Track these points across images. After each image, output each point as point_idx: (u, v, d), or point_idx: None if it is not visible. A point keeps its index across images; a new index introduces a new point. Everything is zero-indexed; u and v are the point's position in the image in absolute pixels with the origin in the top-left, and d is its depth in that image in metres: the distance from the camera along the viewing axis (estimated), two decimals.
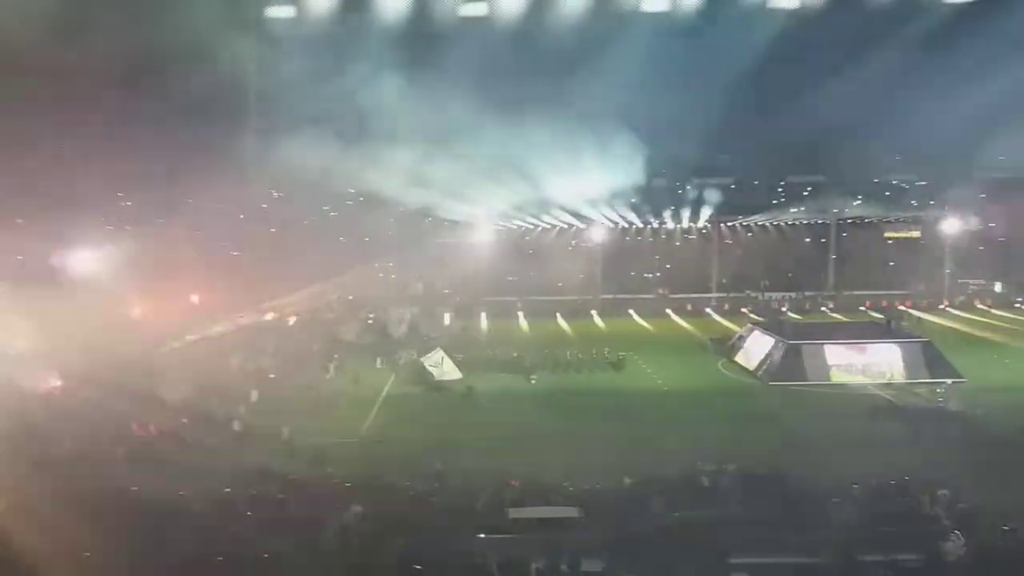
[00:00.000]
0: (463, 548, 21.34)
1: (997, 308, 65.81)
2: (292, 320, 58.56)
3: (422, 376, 43.37)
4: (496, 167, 65.16)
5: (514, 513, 23.71)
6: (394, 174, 62.73)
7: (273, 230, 69.91)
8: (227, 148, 58.40)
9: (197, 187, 59.56)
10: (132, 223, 62.74)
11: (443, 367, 42.98)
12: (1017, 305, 66.17)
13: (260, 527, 22.52)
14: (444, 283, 68.93)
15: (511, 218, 73.12)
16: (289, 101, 55.20)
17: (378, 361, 47.38)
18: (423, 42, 54.67)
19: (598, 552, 21.02)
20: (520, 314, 65.97)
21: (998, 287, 69.90)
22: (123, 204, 65.00)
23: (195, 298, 58.70)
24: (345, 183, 69.77)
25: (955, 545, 21.15)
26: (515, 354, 46.85)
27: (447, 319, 61.84)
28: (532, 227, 75.12)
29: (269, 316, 57.82)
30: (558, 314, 65.86)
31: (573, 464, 27.60)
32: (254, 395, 38.46)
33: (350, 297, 65.97)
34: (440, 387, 42.19)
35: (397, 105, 56.44)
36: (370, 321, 58.30)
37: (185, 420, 33.89)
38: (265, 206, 72.01)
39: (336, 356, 47.39)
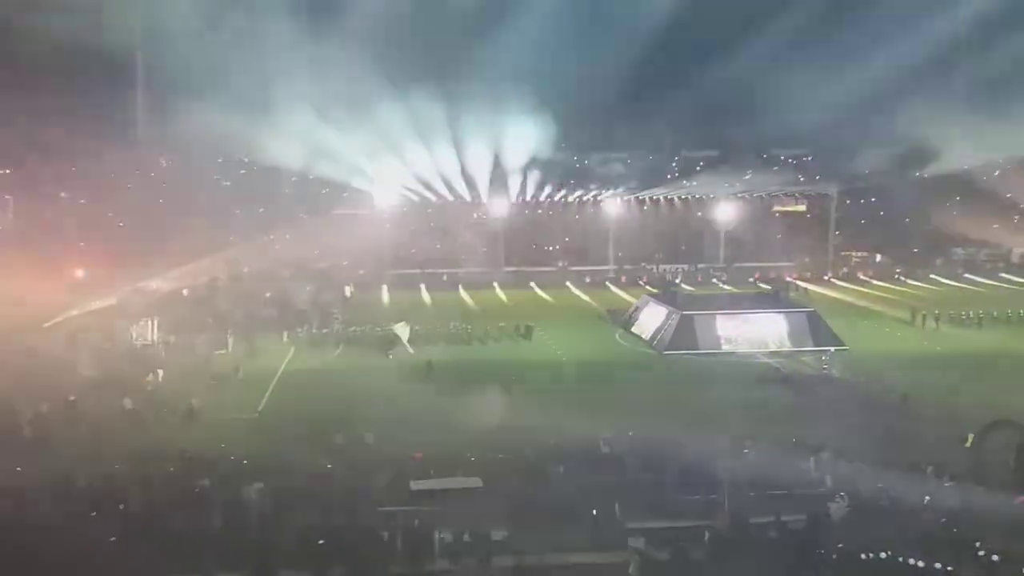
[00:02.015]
0: (365, 522, 21.36)
1: (878, 279, 69.15)
2: (184, 293, 56.64)
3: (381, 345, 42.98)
4: (394, 138, 64.52)
5: (416, 485, 23.84)
6: (290, 143, 61.36)
7: (162, 200, 67.33)
8: (112, 114, 55.88)
9: (80, 156, 56.85)
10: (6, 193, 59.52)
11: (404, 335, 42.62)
12: (897, 276, 69.67)
13: (155, 506, 22.00)
14: (344, 256, 67.95)
15: (412, 191, 72.58)
16: (178, 65, 53.15)
17: (285, 335, 46.42)
18: (317, 6, 53.44)
19: (500, 521, 21.39)
20: (423, 287, 65.71)
21: (879, 259, 73.50)
22: None
23: (79, 272, 56.12)
24: (239, 152, 67.95)
25: (839, 505, 22.40)
26: (417, 327, 46.71)
27: (348, 292, 61.05)
28: (434, 200, 74.74)
29: (159, 289, 55.73)
30: (460, 286, 65.90)
31: (472, 435, 27.79)
32: (145, 370, 37.22)
33: (245, 269, 64.34)
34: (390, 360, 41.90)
35: (290, 71, 55.13)
36: (268, 295, 57.02)
37: (72, 398, 32.55)
38: (154, 175, 69.38)
39: (231, 331, 46.23)
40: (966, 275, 69.99)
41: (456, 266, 69.80)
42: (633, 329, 48.96)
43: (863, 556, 19.44)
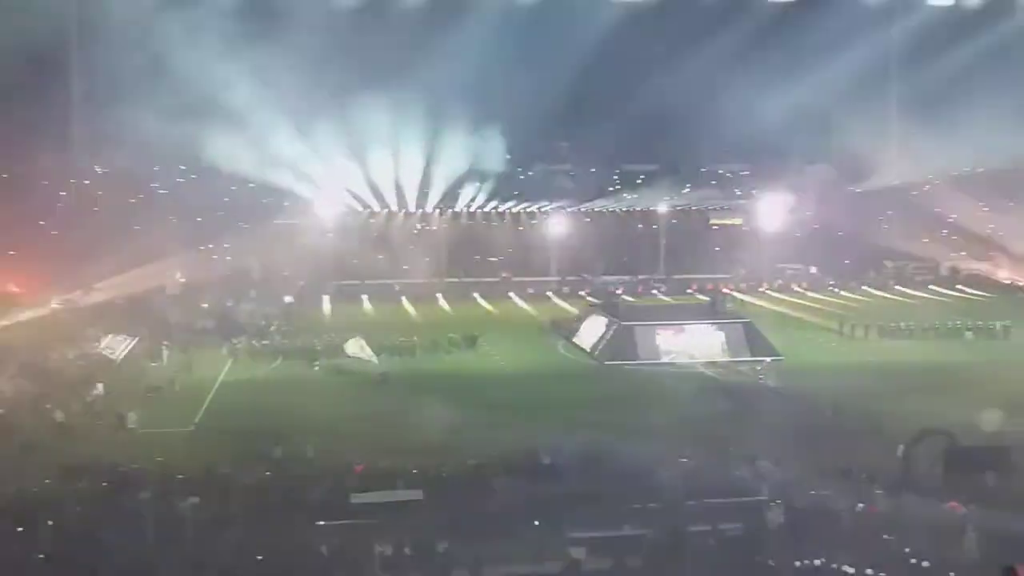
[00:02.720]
0: (304, 536, 21.10)
1: (812, 291, 70.78)
2: (118, 304, 55.20)
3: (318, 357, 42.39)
4: (337, 148, 64.13)
5: (357, 498, 23.64)
6: (229, 151, 60.53)
7: (97, 208, 65.69)
8: (46, 120, 54.45)
9: (9, 162, 55.21)
10: None
11: (364, 353, 41.79)
12: (830, 287, 71.38)
13: (86, 522, 21.43)
14: (285, 266, 67.03)
15: (355, 201, 72.11)
16: (114, 70, 52.09)
17: (225, 348, 45.58)
18: (259, 15, 52.93)
19: (442, 534, 21.34)
20: (365, 298, 65.17)
21: (813, 270, 75.25)
22: None
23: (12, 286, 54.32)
24: (176, 160, 66.80)
25: (775, 513, 22.86)
26: (360, 339, 46.28)
27: (288, 303, 60.22)
28: (376, 211, 74.38)
29: (92, 300, 54.26)
30: (403, 298, 65.57)
31: (415, 447, 27.70)
32: (78, 383, 36.23)
33: (182, 279, 63.07)
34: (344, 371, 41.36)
35: (231, 78, 54.43)
36: (205, 305, 55.99)
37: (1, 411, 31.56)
38: (88, 182, 67.73)
39: (167, 342, 45.29)
40: (896, 287, 72.08)
41: (399, 277, 69.37)
42: (575, 340, 49.31)
43: (797, 563, 19.86)
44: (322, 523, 22.13)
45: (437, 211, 75.19)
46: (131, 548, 20.17)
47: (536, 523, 22.05)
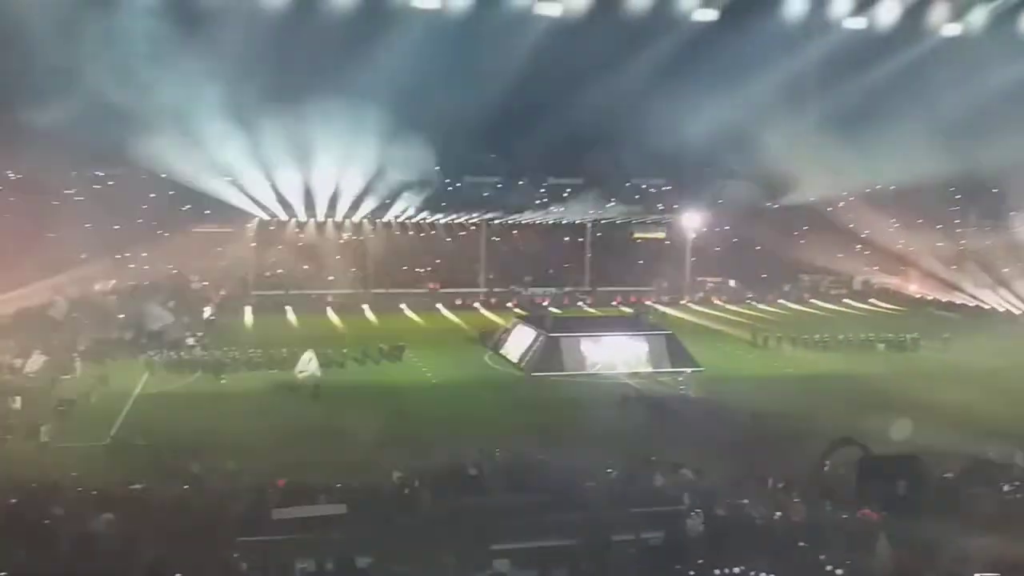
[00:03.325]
0: (223, 553, 20.62)
1: (731, 303, 72.54)
2: (29, 314, 53.13)
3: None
4: (261, 156, 63.11)
5: (278, 514, 23.22)
6: (151, 157, 58.98)
7: (9, 216, 63.12)
8: None
9: None
10: None
11: (310, 367, 40.81)
12: (748, 300, 73.25)
13: None
14: (206, 276, 65.55)
15: (280, 210, 70.96)
16: (28, 72, 50.28)
17: (142, 360, 44.23)
18: (181, 18, 51.73)
19: (366, 548, 21.12)
20: (289, 309, 64.12)
21: (732, 283, 77.12)
22: None
23: None
24: (92, 165, 64.82)
25: (695, 521, 23.30)
26: (283, 351, 45.56)
27: (208, 314, 58.87)
28: (302, 220, 73.31)
29: (2, 310, 52.12)
30: (329, 309, 64.78)
31: (339, 461, 27.38)
32: None
33: (98, 288, 61.07)
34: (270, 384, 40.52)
35: (153, 83, 53.10)
36: (122, 316, 54.30)
37: None
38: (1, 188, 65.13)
39: (78, 353, 43.78)
40: (811, 300, 74.37)
41: (324, 288, 68.52)
42: (502, 351, 49.49)
43: (716, 571, 20.27)
44: (243, 539, 21.67)
45: (364, 221, 74.50)
46: (43, 566, 19.41)
47: (459, 536, 22.02)
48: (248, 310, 62.86)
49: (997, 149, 58.68)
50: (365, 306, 66.57)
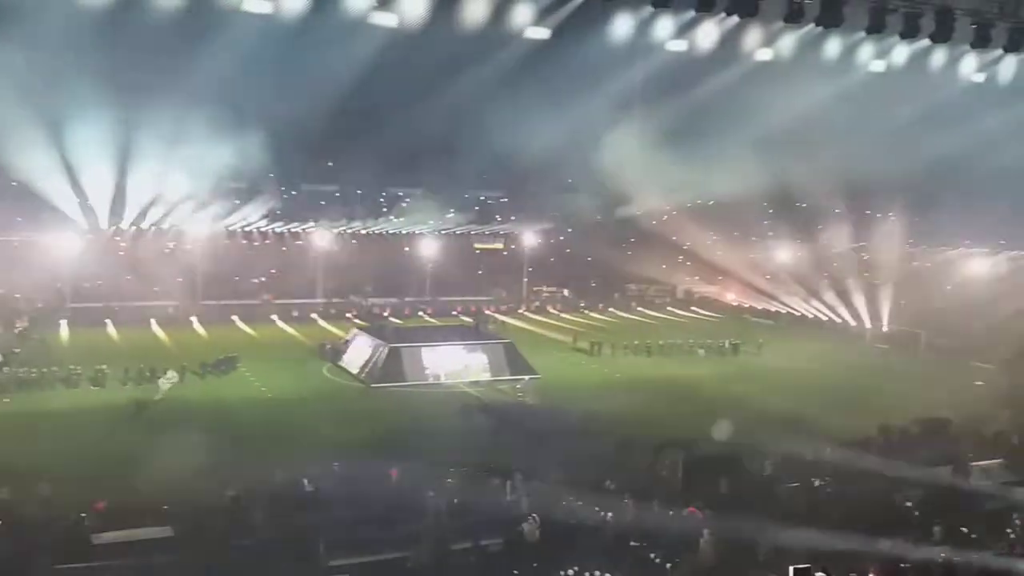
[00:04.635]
0: None
1: (565, 312, 74.69)
2: None
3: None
4: (81, 161, 59.31)
5: (98, 539, 21.95)
6: None
7: None
8: None
9: None
10: None
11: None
12: (581, 309, 75.61)
13: None
14: (17, 287, 60.57)
15: (102, 216, 66.66)
16: None
17: None
18: None
19: (196, 572, 20.33)
20: (109, 322, 60.37)
21: (566, 293, 79.43)
22: None
23: None
24: None
25: (531, 526, 23.89)
26: (103, 367, 42.93)
27: (19, 328, 54.47)
28: (124, 228, 69.16)
29: None
30: (153, 321, 61.52)
31: (166, 481, 26.05)
32: None
33: None
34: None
35: None
36: None
37: None
38: None
39: None
40: (639, 308, 77.73)
41: (148, 299, 64.92)
42: (342, 363, 48.71)
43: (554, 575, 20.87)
44: (60, 566, 20.32)
45: (193, 230, 71.19)
46: None
47: (296, 554, 21.57)
48: (64, 324, 58.69)
49: (805, 167, 63.62)
50: (194, 318, 63.70)
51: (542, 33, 42.97)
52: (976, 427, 35.80)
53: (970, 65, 44.20)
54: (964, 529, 24.69)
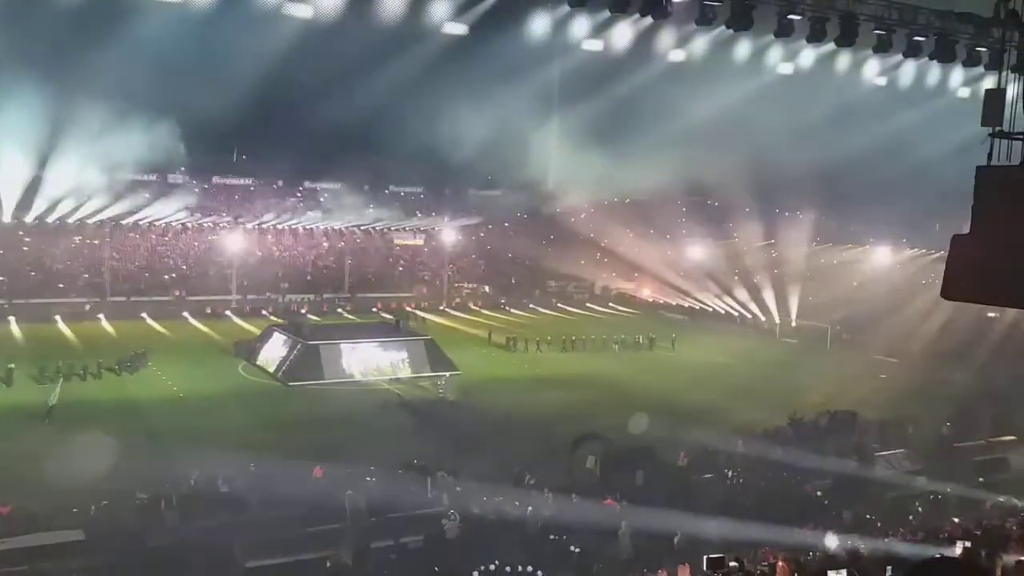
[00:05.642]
0: None
1: (486, 308, 74.87)
2: None
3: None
4: None
5: (4, 544, 21.14)
6: None
7: None
8: None
9: None
10: None
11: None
12: (502, 305, 75.95)
13: None
14: None
15: (2, 208, 63.87)
16: None
17: None
18: None
19: (108, 575, 19.79)
20: (12, 319, 57.81)
21: (487, 289, 79.66)
22: None
23: None
24: None
25: (452, 522, 23.98)
26: (11, 365, 41.17)
27: None
28: (27, 221, 66.34)
29: None
30: (58, 318, 59.20)
31: (74, 484, 25.15)
32: None
33: None
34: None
35: None
36: None
37: None
38: None
39: None
40: (559, 304, 78.54)
41: (54, 296, 62.47)
42: (257, 361, 47.78)
43: (475, 572, 21.00)
44: None
45: (100, 224, 68.84)
46: None
47: (211, 556, 21.18)
48: None
49: (715, 166, 65.31)
50: (101, 315, 61.55)
51: (460, 29, 42.95)
52: (880, 419, 37.44)
53: (873, 69, 46.15)
54: (870, 516, 25.86)
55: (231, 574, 20.98)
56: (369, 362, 46.09)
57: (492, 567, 21.12)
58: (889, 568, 16.31)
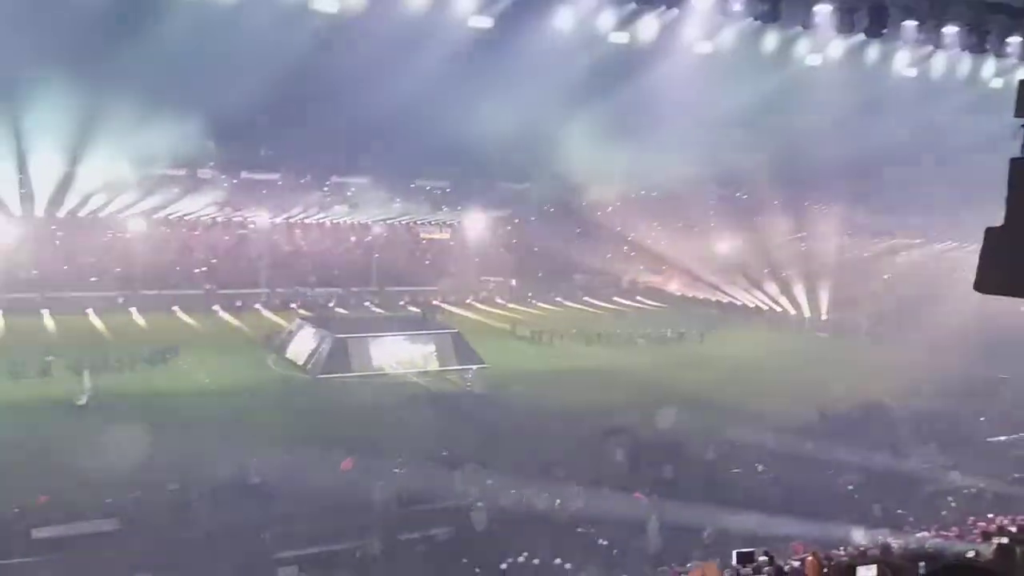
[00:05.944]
0: None
1: (512, 302, 74.89)
2: None
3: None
4: (13, 144, 57.54)
5: (39, 533, 21.49)
6: None
7: None
8: None
9: None
10: None
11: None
12: (528, 299, 75.93)
13: None
14: None
15: (39, 202, 64.64)
16: None
17: None
18: None
19: (141, 565, 20.04)
20: (45, 312, 58.67)
21: (513, 283, 79.65)
22: None
23: None
24: None
25: (480, 514, 24.05)
26: (50, 358, 41.82)
27: None
28: (59, 215, 67.21)
29: None
30: (91, 310, 59.99)
31: (108, 475, 25.48)
32: None
33: None
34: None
35: None
36: None
37: None
38: None
39: None
40: (585, 298, 78.34)
41: (86, 289, 63.27)
42: (287, 354, 48.19)
43: (503, 565, 21.04)
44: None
45: (132, 218, 69.55)
46: None
47: (242, 547, 21.38)
48: None
49: (748, 158, 64.69)
50: (133, 308, 62.31)
51: (485, 22, 42.81)
52: (913, 413, 36.97)
53: (903, 61, 45.42)
54: (901, 511, 25.58)
55: (261, 564, 21.16)
56: (397, 355, 46.32)
57: (521, 559, 21.15)
58: (922, 564, 16.09)
